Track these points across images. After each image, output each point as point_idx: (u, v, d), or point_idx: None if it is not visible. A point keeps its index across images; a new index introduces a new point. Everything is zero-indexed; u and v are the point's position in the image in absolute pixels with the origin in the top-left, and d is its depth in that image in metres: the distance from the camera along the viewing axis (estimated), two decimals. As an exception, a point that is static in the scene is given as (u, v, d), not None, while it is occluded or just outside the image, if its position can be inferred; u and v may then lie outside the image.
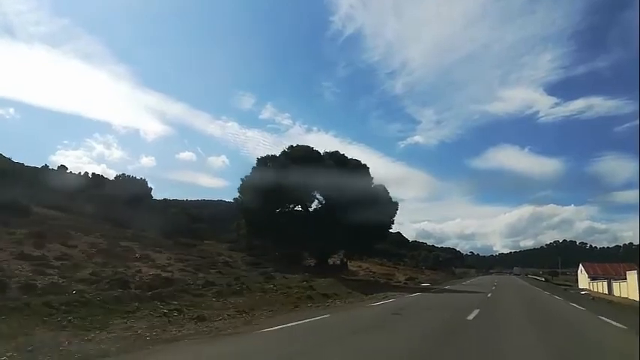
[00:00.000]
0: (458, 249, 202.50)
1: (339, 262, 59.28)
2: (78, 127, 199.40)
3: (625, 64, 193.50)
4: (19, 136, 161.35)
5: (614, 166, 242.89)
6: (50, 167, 57.03)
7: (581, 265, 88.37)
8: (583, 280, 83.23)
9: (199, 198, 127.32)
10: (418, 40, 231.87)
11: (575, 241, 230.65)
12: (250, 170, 35.92)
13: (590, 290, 62.28)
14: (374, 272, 58.38)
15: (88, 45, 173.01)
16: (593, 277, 77.49)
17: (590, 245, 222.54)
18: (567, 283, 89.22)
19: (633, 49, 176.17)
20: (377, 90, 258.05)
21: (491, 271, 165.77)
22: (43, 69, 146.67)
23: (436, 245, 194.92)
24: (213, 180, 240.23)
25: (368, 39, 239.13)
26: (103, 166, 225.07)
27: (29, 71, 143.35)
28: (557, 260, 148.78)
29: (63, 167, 58.48)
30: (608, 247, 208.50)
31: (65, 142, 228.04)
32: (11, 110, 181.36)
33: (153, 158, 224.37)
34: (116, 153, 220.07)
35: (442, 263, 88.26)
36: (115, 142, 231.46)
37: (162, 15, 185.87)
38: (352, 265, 63.91)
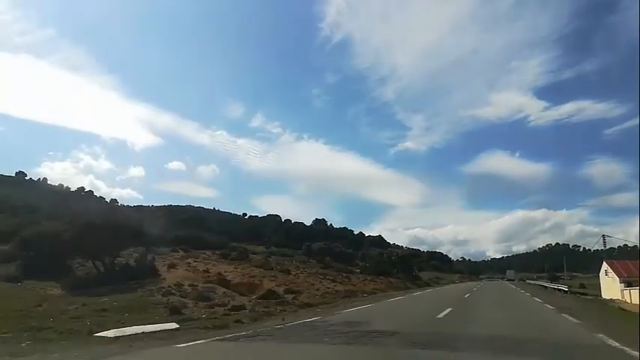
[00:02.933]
0: (447, 254, 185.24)
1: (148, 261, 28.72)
2: (64, 139, 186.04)
3: (612, 67, 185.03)
4: (2, 149, 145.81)
5: (604, 169, 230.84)
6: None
7: (605, 264, 56.01)
8: (611, 286, 51.33)
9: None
10: (407, 46, 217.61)
11: (569, 244, 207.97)
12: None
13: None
14: (229, 281, 26.89)
15: (75, 55, 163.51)
16: (627, 282, 47.35)
17: (584, 248, 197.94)
18: (570, 288, 57.73)
19: (619, 52, 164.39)
20: (366, 97, 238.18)
21: (481, 276, 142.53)
22: (28, 80, 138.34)
23: (425, 251, 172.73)
24: (204, 189, 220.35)
25: (356, 45, 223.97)
26: (91, 177, 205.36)
27: (14, 82, 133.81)
28: (547, 264, 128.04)
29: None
30: (601, 250, 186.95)
31: (50, 153, 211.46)
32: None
33: (142, 168, 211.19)
34: (104, 164, 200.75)
35: (398, 265, 56.38)
36: (103, 153, 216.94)
37: (151, 25, 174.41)
38: (188, 267, 32.20)
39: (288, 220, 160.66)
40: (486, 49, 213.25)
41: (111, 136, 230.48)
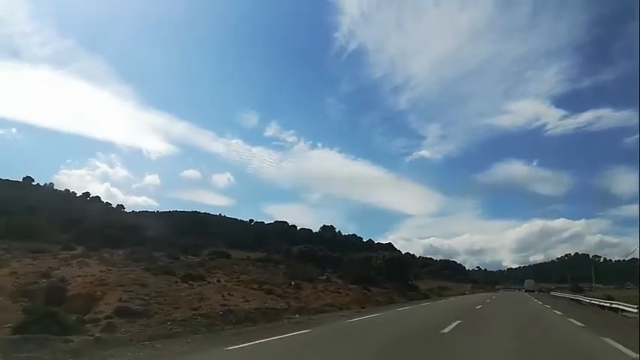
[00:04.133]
0: (462, 264, 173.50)
1: None
2: (81, 147, 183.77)
3: (631, 75, 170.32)
4: (21, 156, 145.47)
5: (624, 178, 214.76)
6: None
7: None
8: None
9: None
10: (422, 54, 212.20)
11: (588, 254, 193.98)
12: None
13: None
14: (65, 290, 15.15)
15: (92, 65, 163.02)
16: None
17: (605, 258, 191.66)
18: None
19: (636, 59, 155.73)
20: (381, 105, 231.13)
21: (497, 286, 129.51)
22: (47, 89, 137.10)
23: (437, 259, 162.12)
24: (219, 197, 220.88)
25: (371, 54, 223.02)
26: (107, 184, 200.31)
27: (33, 92, 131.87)
28: (568, 274, 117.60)
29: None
30: (624, 260, 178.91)
31: (68, 161, 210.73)
32: (14, 130, 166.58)
33: (157, 176, 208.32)
34: (120, 172, 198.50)
35: (385, 272, 43.12)
36: (119, 161, 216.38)
37: (167, 35, 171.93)
38: (49, 267, 20.65)
39: (293, 227, 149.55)
40: (503, 57, 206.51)
41: (127, 145, 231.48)
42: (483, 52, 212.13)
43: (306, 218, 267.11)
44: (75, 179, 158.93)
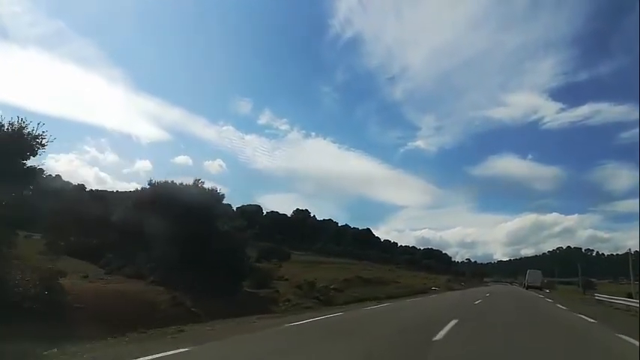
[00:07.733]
0: (450, 254, 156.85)
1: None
2: (70, 131, 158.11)
3: (629, 69, 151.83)
4: None
5: (617, 174, 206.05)
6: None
7: None
8: None
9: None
10: (418, 44, 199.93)
11: (581, 248, 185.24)
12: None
13: None
14: None
15: (83, 48, 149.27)
16: None
17: (597, 252, 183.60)
18: None
19: (636, 54, 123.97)
20: (376, 95, 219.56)
21: (486, 279, 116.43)
22: (36, 72, 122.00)
23: (420, 248, 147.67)
24: (210, 185, 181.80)
25: (367, 43, 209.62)
26: (96, 169, 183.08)
27: (21, 74, 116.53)
28: (559, 267, 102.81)
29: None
30: (617, 255, 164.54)
31: (56, 145, 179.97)
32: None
33: (148, 162, 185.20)
34: (110, 157, 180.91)
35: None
36: (109, 146, 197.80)
37: (159, 19, 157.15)
38: None
39: (258, 207, 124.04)
40: (500, 49, 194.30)
41: (117, 130, 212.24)
42: (481, 44, 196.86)
43: (298, 208, 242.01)
44: (63, 163, 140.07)
